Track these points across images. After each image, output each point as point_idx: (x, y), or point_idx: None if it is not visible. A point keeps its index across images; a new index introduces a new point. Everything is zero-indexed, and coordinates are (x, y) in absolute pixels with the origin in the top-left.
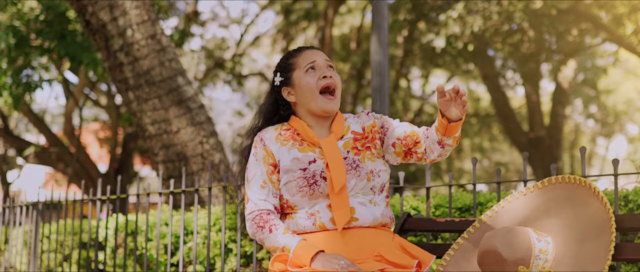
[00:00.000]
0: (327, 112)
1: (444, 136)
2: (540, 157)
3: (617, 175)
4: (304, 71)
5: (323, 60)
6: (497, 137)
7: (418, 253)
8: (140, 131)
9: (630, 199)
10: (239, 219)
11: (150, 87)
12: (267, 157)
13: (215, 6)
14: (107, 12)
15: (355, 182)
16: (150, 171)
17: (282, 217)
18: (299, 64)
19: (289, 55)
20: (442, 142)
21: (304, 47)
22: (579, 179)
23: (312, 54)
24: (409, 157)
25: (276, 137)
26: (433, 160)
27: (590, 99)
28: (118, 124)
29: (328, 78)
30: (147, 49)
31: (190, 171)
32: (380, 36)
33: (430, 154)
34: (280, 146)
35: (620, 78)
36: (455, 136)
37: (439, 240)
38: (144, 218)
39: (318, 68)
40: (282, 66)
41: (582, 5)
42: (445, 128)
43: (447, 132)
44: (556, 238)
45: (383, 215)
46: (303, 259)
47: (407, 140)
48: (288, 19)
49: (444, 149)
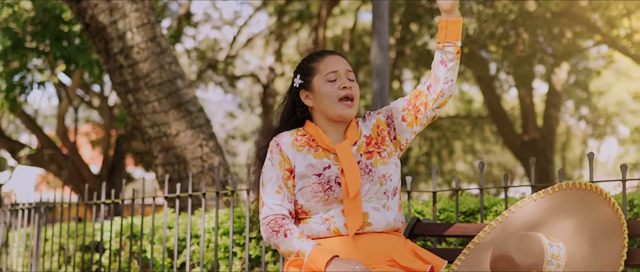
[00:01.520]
0: (344, 118)
1: (444, 41)
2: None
3: (626, 180)
4: (324, 79)
5: (344, 70)
6: (489, 139)
7: (430, 258)
8: (139, 134)
9: (635, 203)
10: (247, 222)
11: (150, 89)
12: (283, 162)
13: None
14: (106, 15)
15: (368, 187)
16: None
17: (296, 222)
18: (320, 69)
19: (311, 59)
20: (444, 52)
21: (327, 51)
22: (590, 184)
23: (335, 61)
24: (419, 116)
25: (292, 142)
26: (440, 93)
27: (581, 100)
28: (111, 125)
29: (348, 89)
30: (146, 51)
31: (190, 173)
32: (381, 40)
33: (435, 85)
34: (296, 151)
35: (611, 80)
36: (456, 44)
37: (443, 244)
38: (145, 221)
39: (339, 78)
40: (303, 69)
41: (576, 8)
42: (445, 28)
43: (448, 35)
44: (568, 243)
45: (395, 220)
46: (318, 263)
47: (411, 102)
48: (281, 20)
49: (447, 69)
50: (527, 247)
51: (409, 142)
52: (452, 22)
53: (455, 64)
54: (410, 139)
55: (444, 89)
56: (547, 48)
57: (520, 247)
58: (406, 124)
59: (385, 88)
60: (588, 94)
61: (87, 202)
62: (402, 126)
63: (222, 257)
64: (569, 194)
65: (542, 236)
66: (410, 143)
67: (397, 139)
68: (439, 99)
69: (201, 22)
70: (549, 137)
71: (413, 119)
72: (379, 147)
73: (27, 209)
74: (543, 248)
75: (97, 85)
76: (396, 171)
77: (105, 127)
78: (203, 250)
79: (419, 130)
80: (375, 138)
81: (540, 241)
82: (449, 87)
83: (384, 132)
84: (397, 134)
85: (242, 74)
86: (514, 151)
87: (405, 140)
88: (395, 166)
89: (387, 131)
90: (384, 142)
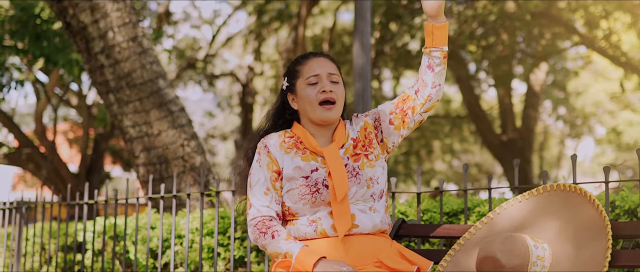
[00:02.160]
0: (325, 121)
1: (431, 46)
2: (512, 159)
3: (608, 182)
4: (306, 82)
5: (326, 73)
6: (468, 139)
7: (416, 259)
8: (120, 133)
9: (617, 204)
10: (233, 223)
11: (131, 89)
12: (271, 164)
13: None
14: (88, 15)
15: (355, 190)
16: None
17: (283, 224)
18: (303, 73)
19: (296, 62)
20: (431, 57)
21: (312, 54)
22: (574, 186)
23: (317, 64)
24: (406, 119)
25: (280, 144)
26: (428, 97)
27: (559, 101)
28: (90, 124)
29: (328, 92)
30: (128, 51)
31: (171, 173)
32: (363, 40)
33: (423, 89)
34: (284, 153)
35: (589, 80)
36: (443, 49)
37: (426, 245)
38: (127, 221)
39: (320, 81)
40: (289, 71)
41: (555, 9)
42: (431, 33)
43: (434, 40)
44: (552, 245)
45: (382, 222)
46: (305, 264)
47: (398, 106)
48: (260, 19)
49: (434, 73)
50: (512, 248)
51: (395, 145)
52: (438, 27)
53: (442, 68)
54: (397, 143)
55: (432, 93)
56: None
57: (505, 248)
58: (393, 127)
59: (367, 88)
60: (566, 94)
61: (69, 202)
62: (389, 129)
63: (206, 257)
64: (553, 196)
65: (527, 237)
66: (397, 146)
67: (384, 142)
68: (427, 104)
69: (180, 21)
70: (527, 137)
71: (400, 123)
72: (366, 149)
73: (7, 209)
74: (528, 249)
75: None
76: (383, 174)
77: (83, 126)
78: (187, 250)
79: (406, 133)
80: (362, 141)
81: (525, 242)
82: (436, 91)
83: (372, 134)
84: (384, 137)
85: (221, 73)
86: (492, 150)
87: (392, 143)
88: (382, 168)
89: (375, 134)
90: (371, 144)
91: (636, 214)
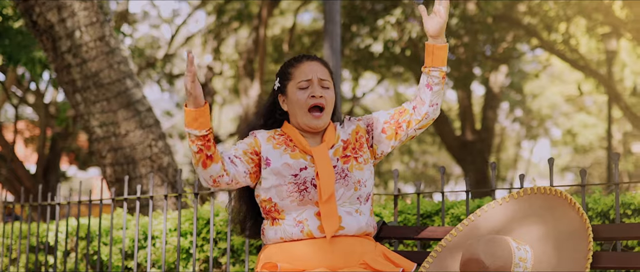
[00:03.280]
0: (312, 128)
1: (431, 66)
2: (472, 161)
3: (585, 185)
4: (297, 86)
5: (318, 78)
6: (425, 140)
7: (400, 261)
8: (87, 133)
9: (589, 207)
10: (212, 225)
11: (99, 89)
12: (253, 144)
13: (145, 5)
14: (55, 13)
15: (343, 192)
16: (77, 171)
17: (270, 223)
18: (295, 76)
19: (289, 64)
20: (430, 76)
21: (306, 57)
22: (555, 190)
23: (310, 69)
24: (400, 132)
25: (269, 138)
26: (425, 115)
27: (516, 103)
28: (47, 123)
29: (318, 98)
30: (95, 51)
31: (139, 174)
32: (333, 43)
33: (421, 107)
34: (272, 147)
35: (545, 83)
36: (441, 69)
37: (400, 247)
38: (96, 222)
39: (311, 86)
40: (282, 73)
41: (516, 13)
42: (431, 53)
43: (434, 60)
44: (534, 247)
45: (367, 224)
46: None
47: (394, 117)
48: (220, 19)
49: (432, 92)
50: (495, 250)
51: (384, 154)
52: (438, 48)
53: (440, 88)
54: (385, 152)
55: (429, 111)
56: (486, 50)
57: (489, 250)
58: (386, 136)
59: (337, 91)
60: (522, 97)
61: (41, 203)
62: (380, 137)
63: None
64: (534, 199)
65: (510, 239)
66: (384, 156)
67: (373, 148)
68: (423, 121)
69: (139, 20)
70: (486, 139)
71: (393, 134)
72: (356, 152)
73: None
74: (511, 251)
75: (32, 83)
76: (370, 178)
77: (40, 125)
78: (164, 253)
79: (396, 145)
80: (353, 143)
81: (508, 244)
82: (433, 110)
83: (363, 138)
84: (374, 144)
85: (180, 73)
86: (452, 151)
87: (381, 151)
88: (370, 172)
89: (366, 138)
90: (361, 148)
91: (608, 216)
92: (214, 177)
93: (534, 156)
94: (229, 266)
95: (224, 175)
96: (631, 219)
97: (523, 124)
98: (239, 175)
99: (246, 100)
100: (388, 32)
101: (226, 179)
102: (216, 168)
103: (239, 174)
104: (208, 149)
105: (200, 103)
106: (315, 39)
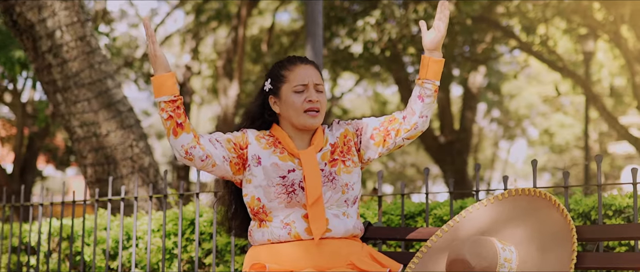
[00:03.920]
0: (308, 127)
1: (424, 78)
2: (451, 161)
3: (568, 187)
4: (292, 89)
5: (313, 83)
6: None
7: (387, 262)
8: (68, 133)
9: (571, 208)
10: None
11: (79, 89)
12: (240, 139)
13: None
14: (35, 13)
15: (330, 195)
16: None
17: (257, 225)
18: (290, 79)
19: (282, 66)
20: (423, 87)
21: (299, 59)
22: (539, 191)
23: (305, 73)
24: (388, 139)
25: (258, 137)
26: (414, 125)
27: (493, 103)
28: (24, 122)
29: (314, 102)
30: (76, 51)
31: (120, 174)
32: (315, 43)
33: (410, 117)
34: (261, 147)
35: (523, 83)
36: (435, 83)
37: (384, 247)
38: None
39: (306, 90)
40: (274, 74)
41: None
42: (426, 66)
43: (428, 72)
44: (518, 248)
45: (354, 227)
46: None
47: (384, 124)
48: (198, 19)
49: (423, 104)
50: (481, 250)
51: (371, 160)
52: (434, 61)
53: (432, 101)
54: (372, 158)
55: (419, 122)
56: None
57: (474, 250)
58: (374, 142)
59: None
60: (500, 97)
61: (23, 204)
62: (368, 143)
63: (160, 260)
64: (518, 200)
65: (495, 240)
66: (370, 162)
67: (361, 154)
68: (412, 131)
69: (117, 19)
70: (465, 139)
71: (381, 141)
72: (343, 156)
73: None
74: (496, 252)
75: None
76: (358, 181)
77: (17, 125)
78: (149, 253)
79: (384, 153)
80: (341, 147)
81: (493, 245)
82: (423, 121)
83: (351, 142)
84: (362, 149)
85: None
86: (430, 152)
87: (368, 157)
88: (358, 175)
89: (354, 142)
90: (349, 151)
91: (589, 217)
92: (186, 148)
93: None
94: (214, 266)
95: (197, 147)
96: (612, 220)
97: (500, 124)
98: (216, 157)
99: (225, 100)
100: (368, 33)
101: (200, 153)
102: (187, 138)
103: (216, 156)
104: (178, 116)
105: (167, 69)
106: (294, 39)
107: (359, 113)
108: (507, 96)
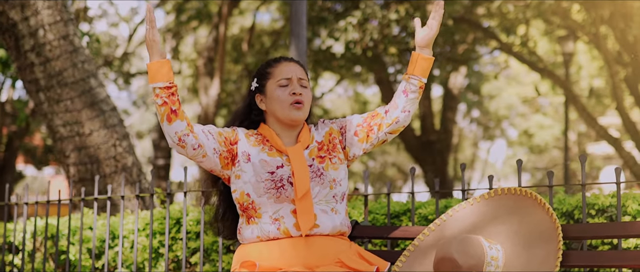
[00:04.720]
0: (293, 120)
1: (411, 74)
2: (432, 161)
3: (552, 186)
4: (277, 84)
5: (297, 78)
6: None
7: (374, 260)
8: (51, 133)
9: (555, 207)
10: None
11: (62, 88)
12: (231, 134)
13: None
14: (18, 12)
15: (318, 190)
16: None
17: (245, 222)
18: (274, 75)
19: (268, 64)
20: (409, 83)
21: (284, 58)
22: (525, 190)
23: (289, 68)
24: (371, 135)
25: (247, 135)
26: (395, 119)
27: (473, 103)
28: (2, 122)
29: (298, 95)
30: (59, 49)
31: (103, 173)
32: (299, 44)
33: (393, 111)
34: (250, 144)
35: (502, 84)
36: (421, 80)
37: (369, 246)
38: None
39: (291, 83)
40: (260, 73)
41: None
42: (415, 62)
43: (416, 69)
44: (505, 246)
45: (342, 224)
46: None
47: (367, 120)
48: (179, 18)
49: (407, 99)
50: (468, 249)
51: (356, 157)
52: (423, 58)
53: (416, 97)
54: (357, 155)
55: (400, 117)
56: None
57: (461, 249)
58: (357, 139)
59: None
60: (480, 98)
61: (8, 203)
62: (353, 140)
63: (146, 258)
64: (504, 199)
65: (482, 239)
66: (356, 159)
67: (346, 151)
68: (393, 125)
69: (97, 18)
70: (445, 139)
71: (365, 137)
72: (330, 153)
73: None
74: (483, 250)
75: None
76: (345, 177)
77: None
78: (136, 252)
79: (368, 148)
80: (327, 144)
81: (480, 244)
82: (405, 116)
83: (336, 140)
84: (347, 146)
85: (137, 71)
86: (411, 152)
87: (353, 154)
88: (345, 172)
89: (339, 140)
90: (335, 149)
91: (573, 216)
92: (180, 135)
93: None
94: (201, 265)
95: (190, 135)
96: (595, 219)
97: (480, 124)
98: (207, 147)
99: (206, 99)
100: (349, 33)
101: (192, 141)
102: (181, 125)
103: (208, 146)
104: (173, 103)
105: (163, 55)
106: (276, 38)
107: (340, 113)
108: (487, 97)
